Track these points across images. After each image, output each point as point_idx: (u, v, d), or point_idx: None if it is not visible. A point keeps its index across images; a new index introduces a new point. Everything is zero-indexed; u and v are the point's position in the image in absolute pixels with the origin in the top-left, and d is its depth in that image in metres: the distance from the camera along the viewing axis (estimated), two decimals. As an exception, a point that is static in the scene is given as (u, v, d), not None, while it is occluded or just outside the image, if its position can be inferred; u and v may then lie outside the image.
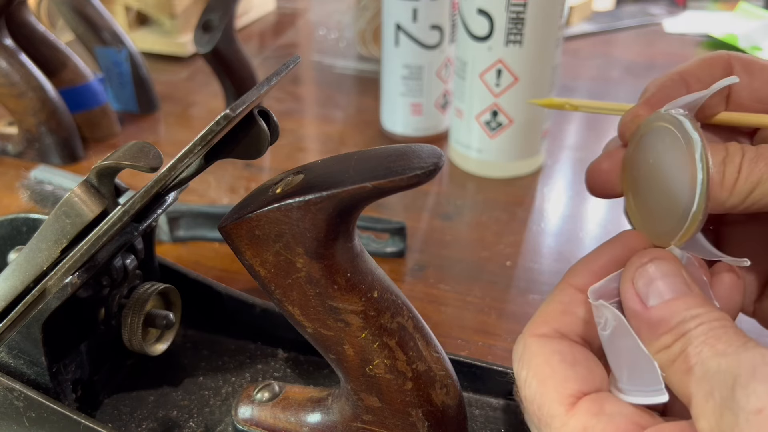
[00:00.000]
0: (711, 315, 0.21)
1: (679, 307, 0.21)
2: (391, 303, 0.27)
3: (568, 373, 0.23)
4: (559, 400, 0.22)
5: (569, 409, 0.22)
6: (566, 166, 0.58)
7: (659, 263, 0.23)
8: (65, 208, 0.28)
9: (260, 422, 0.31)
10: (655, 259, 0.23)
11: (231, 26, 0.59)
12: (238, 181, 0.55)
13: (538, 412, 0.23)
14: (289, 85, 0.75)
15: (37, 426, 0.30)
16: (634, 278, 0.23)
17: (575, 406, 0.22)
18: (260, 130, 0.26)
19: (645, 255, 0.23)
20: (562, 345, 0.24)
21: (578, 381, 0.23)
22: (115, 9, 0.80)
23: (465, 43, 0.52)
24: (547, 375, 0.23)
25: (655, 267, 0.23)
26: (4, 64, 0.53)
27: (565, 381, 0.23)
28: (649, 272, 0.22)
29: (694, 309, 0.21)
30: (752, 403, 0.18)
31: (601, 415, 0.22)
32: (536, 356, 0.24)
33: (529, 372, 0.24)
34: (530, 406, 0.24)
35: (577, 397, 0.23)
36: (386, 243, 0.46)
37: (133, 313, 0.32)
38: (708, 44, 0.86)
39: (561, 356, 0.24)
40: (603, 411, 0.22)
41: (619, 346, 0.23)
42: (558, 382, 0.23)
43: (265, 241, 0.25)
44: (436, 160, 0.23)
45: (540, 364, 0.24)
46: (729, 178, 0.23)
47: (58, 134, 0.56)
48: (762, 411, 0.17)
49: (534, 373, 0.24)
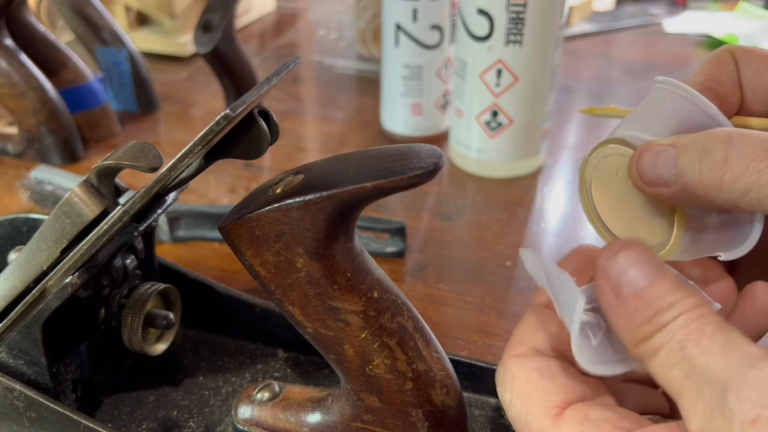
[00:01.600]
0: (688, 302, 0.20)
1: (654, 294, 0.21)
2: (391, 303, 0.27)
3: (548, 386, 0.24)
4: (544, 414, 0.23)
5: (555, 421, 0.23)
6: (566, 166, 0.58)
7: (628, 251, 0.22)
8: (65, 208, 0.28)
9: (260, 422, 0.31)
10: (623, 248, 0.22)
11: (231, 26, 0.60)
12: (238, 181, 0.55)
13: (525, 429, 0.24)
14: (289, 85, 0.75)
15: (37, 426, 0.30)
16: (605, 270, 0.22)
17: (560, 416, 0.23)
18: (260, 130, 0.26)
19: (613, 246, 0.22)
20: (539, 361, 0.25)
21: (560, 392, 0.23)
22: (115, 9, 0.80)
23: (465, 43, 0.52)
24: (530, 391, 0.24)
25: (625, 255, 0.22)
26: (4, 64, 0.53)
27: (547, 394, 0.23)
28: (619, 261, 0.22)
29: (669, 296, 0.21)
30: (746, 412, 0.18)
31: (587, 422, 0.22)
32: (516, 376, 0.24)
33: (512, 393, 0.24)
34: (518, 425, 0.24)
35: (561, 407, 0.23)
36: (386, 243, 0.46)
37: (133, 313, 0.32)
38: (708, 44, 0.86)
39: (539, 371, 0.24)
40: (588, 418, 0.22)
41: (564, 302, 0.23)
42: (541, 396, 0.23)
43: (265, 241, 0.25)
44: (436, 160, 0.23)
45: (521, 383, 0.24)
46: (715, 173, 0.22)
47: (58, 134, 0.56)
48: (756, 421, 0.17)
49: (517, 393, 0.24)
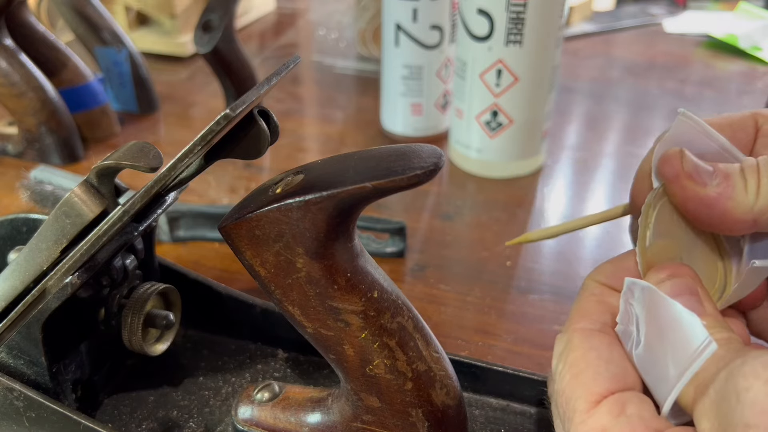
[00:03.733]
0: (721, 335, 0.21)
1: None
2: (391, 303, 0.27)
3: (601, 369, 0.23)
4: (585, 397, 0.23)
5: (592, 407, 0.23)
6: (566, 166, 0.58)
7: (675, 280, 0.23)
8: (65, 208, 0.28)
9: (260, 422, 0.31)
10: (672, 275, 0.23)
11: (231, 26, 0.60)
12: (238, 181, 0.55)
13: (564, 405, 0.24)
14: (289, 85, 0.75)
15: (37, 426, 0.30)
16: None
17: (598, 404, 0.23)
18: (260, 130, 0.26)
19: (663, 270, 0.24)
20: (600, 340, 0.24)
21: (609, 379, 0.23)
22: (115, 9, 0.80)
23: (465, 43, 0.52)
24: (581, 369, 0.24)
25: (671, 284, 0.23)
26: (4, 64, 0.53)
27: (596, 377, 0.23)
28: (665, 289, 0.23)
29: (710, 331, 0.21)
30: (740, 383, 0.18)
31: (621, 416, 0.22)
32: (574, 350, 0.24)
33: (564, 365, 0.24)
34: (559, 398, 0.24)
35: (603, 395, 0.23)
36: (386, 243, 0.46)
37: (133, 313, 0.32)
38: (708, 44, 0.86)
39: (597, 353, 0.24)
40: (624, 412, 0.22)
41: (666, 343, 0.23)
42: (589, 377, 0.23)
43: (265, 241, 0.25)
44: (436, 160, 0.23)
45: (576, 359, 0.24)
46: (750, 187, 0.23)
47: (58, 134, 0.56)
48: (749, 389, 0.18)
49: (569, 367, 0.24)
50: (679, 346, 0.22)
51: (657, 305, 0.23)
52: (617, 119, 0.67)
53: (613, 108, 0.70)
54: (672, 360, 0.22)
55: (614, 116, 0.68)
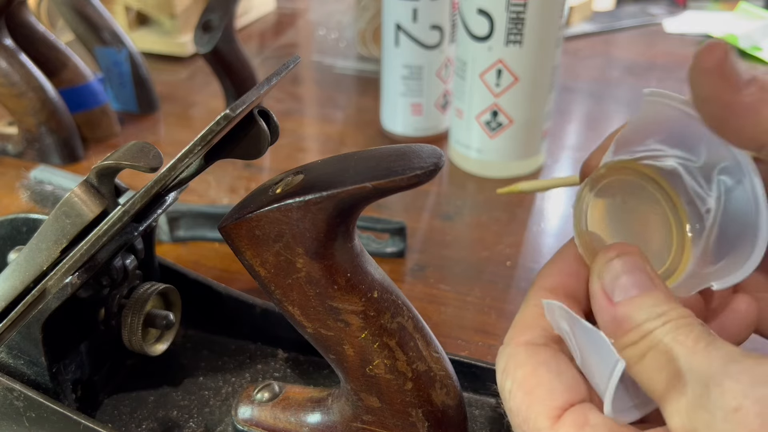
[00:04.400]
0: (676, 312, 0.21)
1: (645, 303, 0.21)
2: (391, 303, 0.27)
3: (554, 383, 0.23)
4: (545, 413, 0.22)
5: (554, 422, 0.22)
6: (566, 166, 0.58)
7: (625, 258, 0.22)
8: (65, 208, 0.28)
9: (260, 422, 0.31)
10: (621, 254, 0.23)
11: (231, 26, 0.60)
12: (238, 181, 0.55)
13: (523, 425, 0.23)
14: (289, 85, 0.75)
15: (37, 426, 0.30)
16: (601, 273, 0.23)
17: (560, 418, 0.22)
18: (260, 130, 0.26)
19: (611, 250, 0.23)
20: (547, 353, 0.24)
21: (564, 392, 0.23)
22: (115, 9, 0.80)
23: (465, 43, 0.52)
24: (534, 386, 0.23)
25: (621, 262, 0.22)
26: (4, 64, 0.53)
27: (552, 393, 0.23)
28: (615, 267, 0.22)
29: (659, 306, 0.21)
30: (729, 402, 0.18)
31: (586, 426, 0.21)
32: (522, 366, 0.24)
33: (514, 383, 0.24)
34: (515, 418, 0.23)
35: (563, 408, 0.22)
36: (386, 243, 0.46)
37: (133, 313, 0.32)
38: (708, 44, 0.86)
39: (547, 366, 0.23)
40: (588, 422, 0.22)
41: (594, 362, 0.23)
42: (545, 393, 0.23)
43: (265, 241, 0.25)
44: (436, 160, 0.23)
45: (526, 375, 0.23)
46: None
47: (58, 134, 0.56)
48: (739, 410, 0.17)
49: (519, 385, 0.23)
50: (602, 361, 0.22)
51: (575, 322, 0.23)
52: (617, 119, 0.67)
53: (613, 108, 0.70)
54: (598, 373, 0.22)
55: (614, 116, 0.68)
